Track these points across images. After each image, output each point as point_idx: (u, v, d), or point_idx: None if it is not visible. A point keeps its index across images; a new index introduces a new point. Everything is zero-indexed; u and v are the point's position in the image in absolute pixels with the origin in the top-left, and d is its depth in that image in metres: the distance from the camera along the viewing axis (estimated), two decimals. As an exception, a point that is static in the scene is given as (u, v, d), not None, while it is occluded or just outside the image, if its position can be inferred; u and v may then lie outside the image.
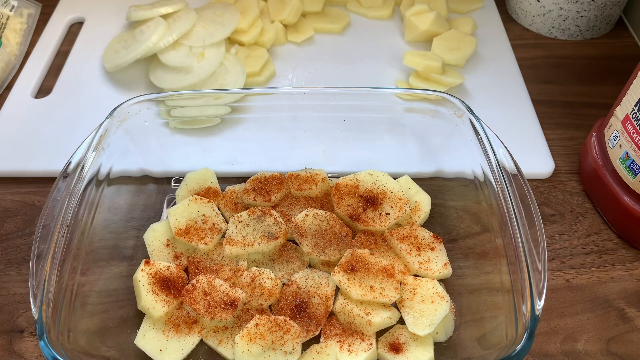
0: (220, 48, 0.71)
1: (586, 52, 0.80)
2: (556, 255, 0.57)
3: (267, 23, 0.77)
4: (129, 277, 0.52)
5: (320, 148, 0.62)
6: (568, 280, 0.55)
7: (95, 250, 0.52)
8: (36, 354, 0.49)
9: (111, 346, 0.48)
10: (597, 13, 0.79)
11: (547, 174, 0.64)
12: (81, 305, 0.48)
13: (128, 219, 0.57)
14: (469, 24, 0.79)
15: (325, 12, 0.82)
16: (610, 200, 0.57)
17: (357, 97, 0.59)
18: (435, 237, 0.54)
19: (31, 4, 0.82)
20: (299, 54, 0.77)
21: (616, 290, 0.54)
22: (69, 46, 0.78)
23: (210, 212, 0.55)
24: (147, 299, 0.48)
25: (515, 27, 0.84)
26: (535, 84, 0.74)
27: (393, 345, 0.48)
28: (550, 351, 0.50)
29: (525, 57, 0.78)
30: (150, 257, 0.53)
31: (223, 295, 0.49)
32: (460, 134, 0.57)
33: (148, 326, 0.48)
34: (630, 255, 0.57)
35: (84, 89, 0.72)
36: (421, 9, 0.77)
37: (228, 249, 0.52)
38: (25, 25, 0.80)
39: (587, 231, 0.59)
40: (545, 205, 0.61)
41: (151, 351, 0.47)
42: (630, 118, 0.53)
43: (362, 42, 0.79)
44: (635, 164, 0.53)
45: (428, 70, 0.70)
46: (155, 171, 0.61)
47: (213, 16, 0.74)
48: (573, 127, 0.69)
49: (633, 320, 0.52)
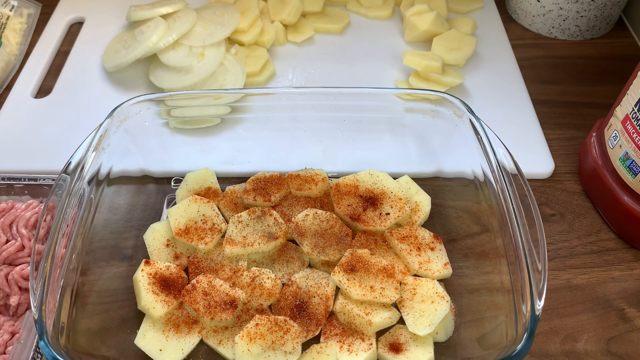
0: (220, 48, 0.71)
1: (586, 52, 0.80)
2: (556, 255, 0.57)
3: (267, 23, 0.77)
4: (129, 277, 0.52)
5: (320, 148, 0.62)
6: (568, 280, 0.55)
7: (95, 250, 0.52)
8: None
9: (111, 346, 0.48)
10: (597, 13, 0.79)
11: (547, 174, 0.64)
12: (81, 305, 0.48)
13: (128, 219, 0.57)
14: (468, 24, 0.79)
15: (325, 12, 0.82)
16: (610, 200, 0.57)
17: (357, 97, 0.59)
18: (435, 237, 0.54)
19: (31, 4, 0.82)
20: (299, 54, 0.77)
21: (616, 290, 0.54)
22: (69, 46, 0.78)
23: (210, 212, 0.55)
24: (147, 299, 0.48)
25: (515, 27, 0.84)
26: (535, 84, 0.74)
27: (393, 345, 0.48)
28: (550, 351, 0.50)
29: (525, 57, 0.78)
30: (150, 257, 0.53)
31: (223, 295, 0.49)
32: (460, 134, 0.57)
33: (148, 326, 0.48)
34: (630, 255, 0.57)
35: (84, 89, 0.72)
36: (421, 9, 0.77)
37: (228, 249, 0.52)
38: (25, 25, 0.80)
39: (587, 231, 0.59)
40: (545, 205, 0.61)
41: (151, 351, 0.47)
42: (630, 118, 0.53)
43: (362, 42, 0.79)
44: (635, 164, 0.53)
45: (428, 70, 0.70)
46: (155, 171, 0.61)
47: (213, 16, 0.74)
48: (573, 127, 0.69)
49: (633, 320, 0.52)
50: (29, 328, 0.47)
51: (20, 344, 0.46)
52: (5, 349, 0.46)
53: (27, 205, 0.55)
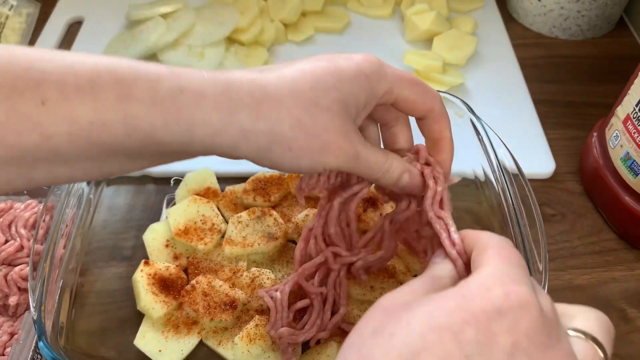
0: (219, 47, 0.71)
1: (587, 51, 0.80)
2: (557, 256, 0.57)
3: (267, 22, 0.77)
4: (128, 277, 0.52)
5: (321, 148, 0.61)
6: (569, 280, 0.55)
7: (95, 250, 0.52)
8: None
9: (110, 347, 0.48)
10: (598, 12, 0.78)
11: (548, 174, 0.64)
12: (80, 306, 0.48)
13: (127, 219, 0.57)
14: (469, 23, 0.79)
15: (325, 11, 0.82)
16: (612, 201, 0.57)
17: (358, 96, 0.59)
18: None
19: (30, 3, 0.82)
20: (299, 53, 0.77)
21: (617, 291, 0.54)
22: (69, 46, 0.78)
23: (210, 212, 0.55)
24: (146, 299, 0.48)
25: (516, 27, 0.84)
26: (536, 84, 0.74)
27: (393, 346, 0.48)
28: (551, 352, 0.50)
29: (526, 56, 0.78)
30: (150, 257, 0.53)
31: (223, 296, 0.48)
32: (460, 133, 0.56)
33: (147, 327, 0.48)
34: (632, 256, 0.57)
35: (84, 88, 0.72)
36: (422, 8, 0.77)
37: (228, 250, 0.52)
38: (24, 25, 0.80)
39: (588, 231, 0.59)
40: (546, 206, 0.61)
41: (150, 352, 0.47)
42: (632, 118, 0.53)
43: (362, 42, 0.79)
44: (636, 163, 0.53)
45: (428, 69, 0.70)
46: (154, 171, 0.60)
47: (212, 15, 0.74)
48: (574, 126, 0.69)
49: (634, 321, 0.52)
50: (28, 329, 0.47)
51: (19, 345, 0.46)
52: (4, 349, 0.46)
53: (26, 205, 0.54)
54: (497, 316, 0.25)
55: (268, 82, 0.33)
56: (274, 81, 0.33)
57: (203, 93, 0.32)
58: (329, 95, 0.34)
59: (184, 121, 0.31)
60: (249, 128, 0.33)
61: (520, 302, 0.26)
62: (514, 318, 0.25)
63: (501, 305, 0.25)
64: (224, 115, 0.32)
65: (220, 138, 0.32)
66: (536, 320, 0.25)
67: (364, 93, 0.35)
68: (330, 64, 0.35)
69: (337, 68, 0.35)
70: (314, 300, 0.46)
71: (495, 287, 0.26)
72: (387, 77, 0.36)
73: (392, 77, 0.36)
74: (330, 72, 0.35)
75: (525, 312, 0.25)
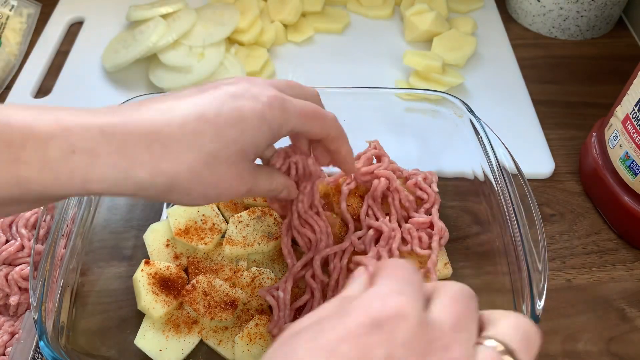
0: (220, 48, 0.71)
1: (586, 52, 0.80)
2: (556, 255, 0.57)
3: (267, 23, 0.77)
4: (128, 277, 0.52)
5: (320, 148, 0.62)
6: (568, 280, 0.55)
7: (95, 250, 0.52)
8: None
9: (111, 346, 0.48)
10: (597, 13, 0.78)
11: (547, 174, 0.64)
12: (81, 306, 0.48)
13: (128, 219, 0.57)
14: (469, 23, 0.79)
15: (325, 12, 0.82)
16: (611, 200, 0.57)
17: (357, 97, 0.59)
18: (435, 237, 0.54)
19: (31, 3, 0.82)
20: (299, 54, 0.77)
21: (617, 291, 0.54)
22: (69, 46, 0.78)
23: (210, 212, 0.55)
24: (147, 299, 0.48)
25: (515, 27, 0.84)
26: (536, 84, 0.74)
27: (393, 345, 0.48)
28: (550, 351, 0.50)
29: (526, 56, 0.78)
30: (150, 257, 0.53)
31: (223, 296, 0.49)
32: (460, 134, 0.57)
33: (148, 326, 0.48)
34: (631, 255, 0.57)
35: (84, 89, 0.72)
36: (421, 8, 0.77)
37: (228, 249, 0.52)
38: (25, 25, 0.80)
39: (587, 231, 0.59)
40: (546, 205, 0.61)
41: (151, 351, 0.47)
42: (631, 118, 0.53)
43: (362, 42, 0.79)
44: (635, 163, 0.53)
45: (428, 70, 0.70)
46: (155, 171, 0.61)
47: (213, 16, 0.74)
48: (573, 127, 0.69)
49: (633, 321, 0.52)
50: (28, 328, 0.47)
51: (20, 344, 0.46)
52: (5, 349, 0.46)
53: (27, 205, 0.55)
54: (373, 329, 0.25)
55: (168, 136, 0.34)
56: (175, 133, 0.34)
57: (96, 153, 0.32)
58: (229, 148, 0.36)
59: (78, 179, 0.32)
60: (146, 184, 0.34)
61: (397, 313, 0.25)
62: (390, 329, 0.25)
63: (378, 317, 0.25)
64: (119, 173, 0.33)
65: (118, 189, 0.34)
66: (413, 329, 0.25)
67: (264, 140, 0.38)
68: (234, 110, 0.36)
69: (239, 116, 0.36)
70: (314, 290, 0.47)
71: (376, 301, 0.26)
72: (289, 121, 0.38)
73: (294, 118, 0.39)
74: (232, 122, 0.36)
75: (402, 322, 0.25)
